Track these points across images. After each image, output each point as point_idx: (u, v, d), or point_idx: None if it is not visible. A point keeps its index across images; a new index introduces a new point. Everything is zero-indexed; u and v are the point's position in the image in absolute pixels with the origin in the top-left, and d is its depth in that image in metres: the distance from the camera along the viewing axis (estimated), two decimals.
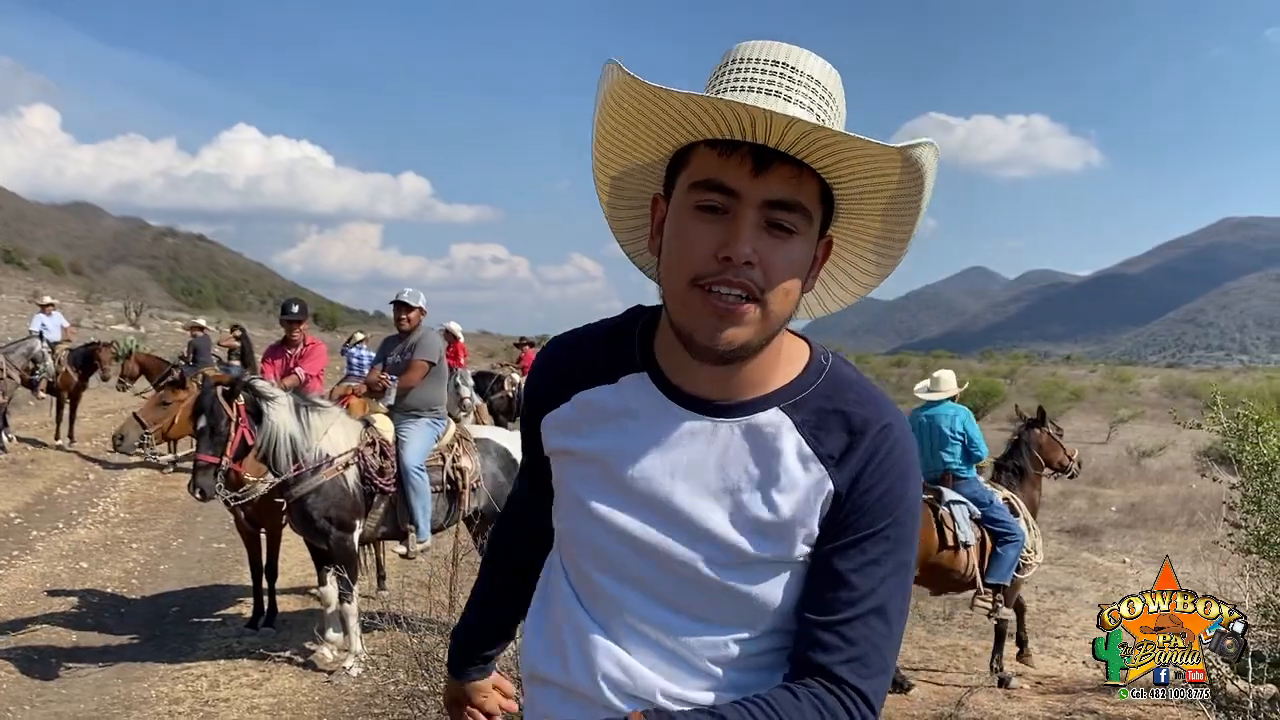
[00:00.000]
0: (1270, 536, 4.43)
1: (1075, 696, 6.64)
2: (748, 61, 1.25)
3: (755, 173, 1.19)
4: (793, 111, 1.18)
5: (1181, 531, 13.71)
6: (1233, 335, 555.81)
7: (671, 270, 1.25)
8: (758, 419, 1.30)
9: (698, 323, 1.22)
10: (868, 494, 1.27)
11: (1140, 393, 45.92)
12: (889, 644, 1.27)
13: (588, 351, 1.41)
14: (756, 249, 1.20)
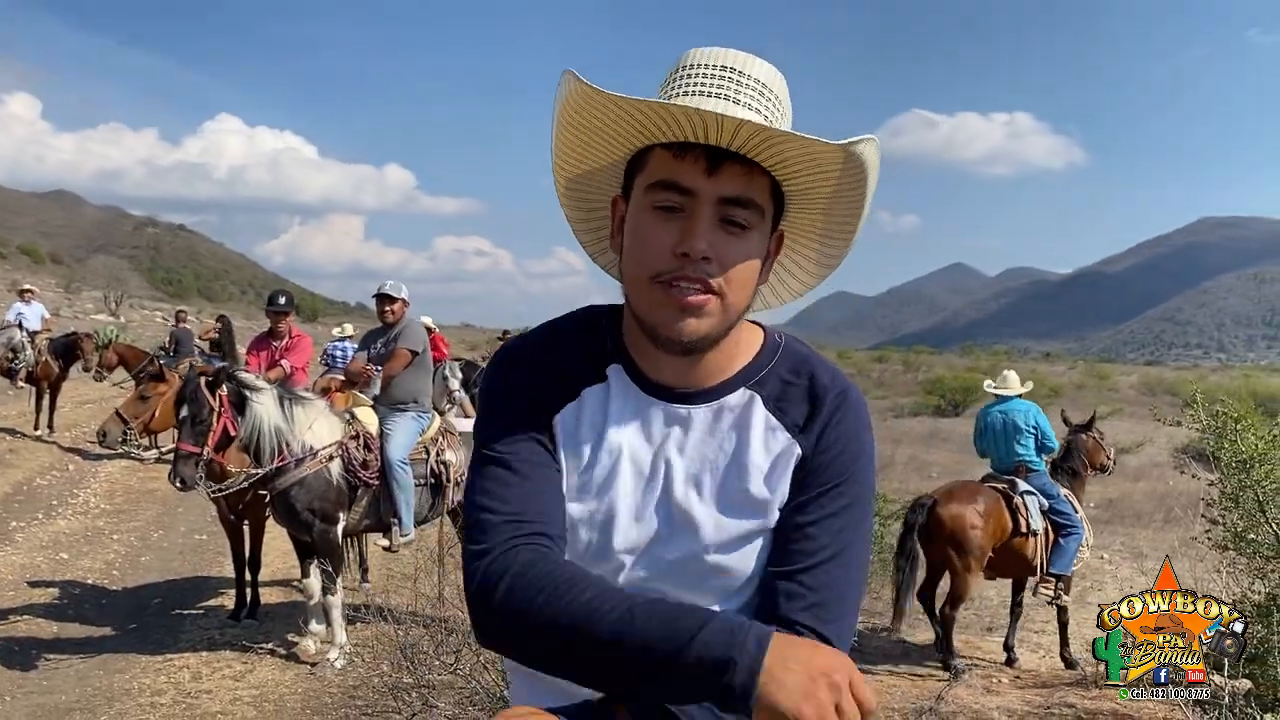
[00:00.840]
0: (1247, 533, 4.48)
1: (1054, 691, 6.71)
2: (698, 67, 1.33)
3: (709, 172, 1.26)
4: (741, 114, 1.25)
5: (1159, 528, 13.82)
6: (1211, 334, 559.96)
7: (633, 268, 1.33)
8: (727, 400, 1.39)
9: (661, 316, 1.30)
10: (826, 453, 1.36)
11: (1119, 390, 46.21)
12: (849, 591, 1.33)
13: (568, 348, 1.44)
14: (712, 244, 1.27)
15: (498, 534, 1.30)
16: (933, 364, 58.38)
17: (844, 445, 1.37)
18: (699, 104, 1.26)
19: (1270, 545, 4.36)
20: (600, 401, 1.40)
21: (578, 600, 1.19)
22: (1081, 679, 6.79)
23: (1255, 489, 4.37)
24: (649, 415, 1.39)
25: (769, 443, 1.37)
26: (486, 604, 1.26)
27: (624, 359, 1.42)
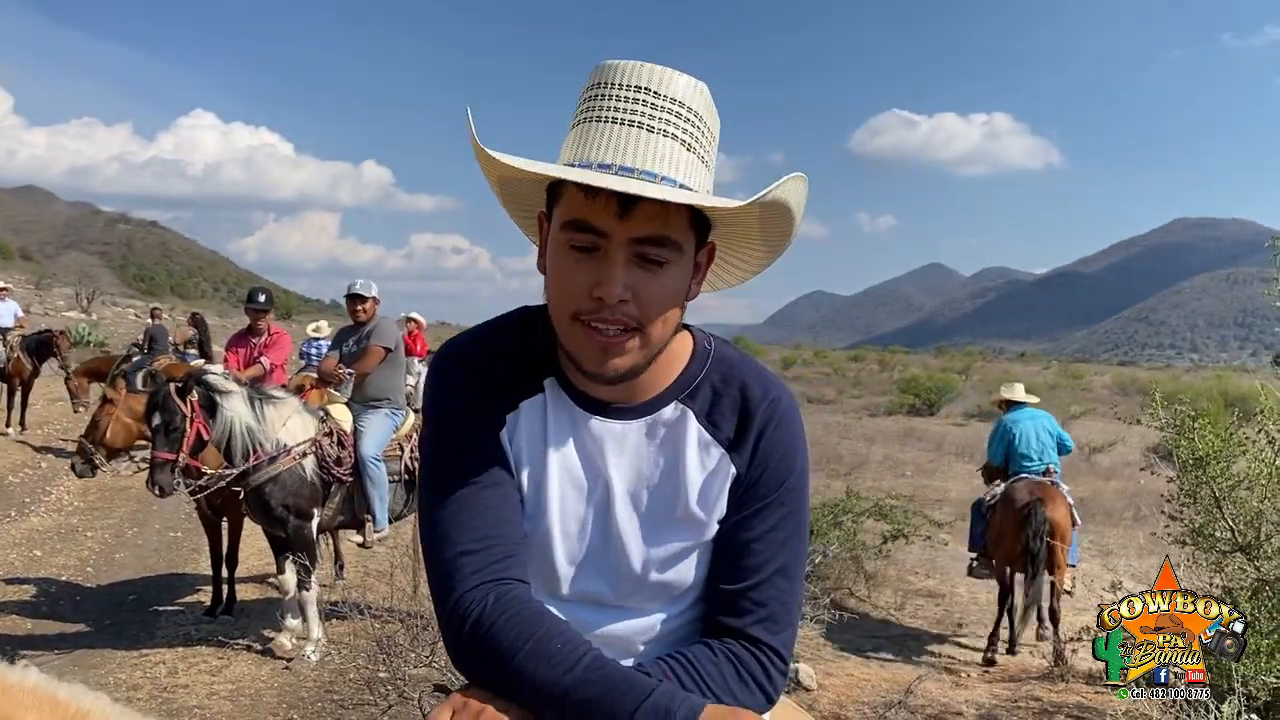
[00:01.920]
0: (1205, 529, 4.59)
1: (1021, 685, 6.83)
2: (613, 88, 1.29)
3: (620, 215, 1.23)
4: (655, 146, 1.26)
5: (1128, 526, 14.00)
6: (1184, 334, 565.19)
7: (555, 303, 1.32)
8: (661, 415, 1.41)
9: (584, 354, 1.31)
10: (762, 468, 1.39)
11: (1092, 390, 46.53)
12: (793, 600, 1.40)
13: (507, 356, 1.43)
14: (629, 285, 1.26)
15: (461, 570, 1.31)
16: (908, 364, 58.64)
17: (779, 458, 1.40)
18: (611, 134, 1.26)
19: (1227, 540, 4.47)
20: (538, 414, 1.41)
21: (529, 661, 1.23)
22: (1048, 674, 6.92)
23: (1211, 485, 4.48)
24: (584, 430, 1.40)
25: (704, 459, 1.40)
26: (455, 639, 1.30)
27: (558, 373, 1.42)
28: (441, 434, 1.40)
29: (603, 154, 1.25)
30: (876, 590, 9.47)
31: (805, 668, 6.58)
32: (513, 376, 1.41)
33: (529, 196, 1.43)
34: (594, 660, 1.24)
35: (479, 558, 1.31)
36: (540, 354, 1.42)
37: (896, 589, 9.74)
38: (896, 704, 6.04)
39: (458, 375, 1.42)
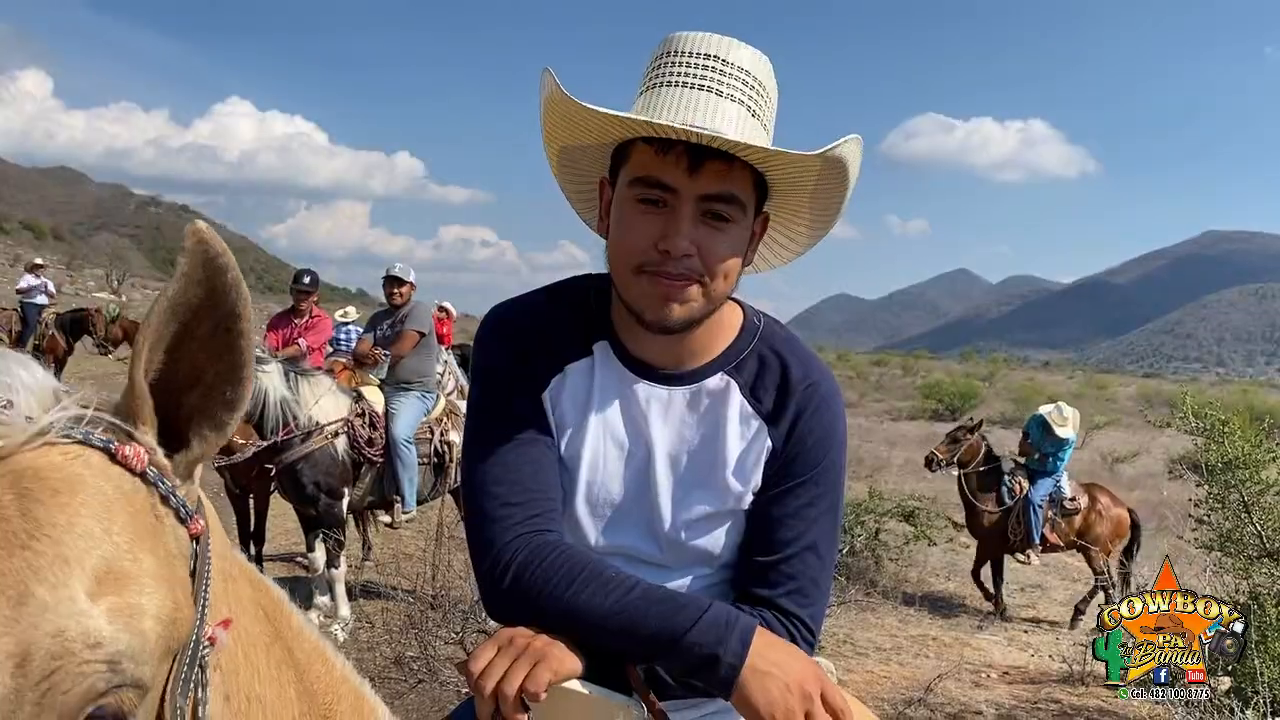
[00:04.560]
0: (1233, 534, 4.60)
1: (1041, 687, 6.84)
2: (682, 55, 1.36)
3: (690, 171, 1.30)
4: (722, 109, 1.32)
5: (1150, 535, 13.87)
6: (1210, 348, 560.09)
7: (618, 257, 1.38)
8: (707, 384, 1.46)
9: (646, 303, 1.36)
10: (799, 446, 1.44)
11: (1117, 401, 46.29)
12: (824, 575, 1.45)
13: (558, 320, 1.49)
14: (695, 239, 1.32)
15: (503, 520, 1.37)
16: (931, 369, 58.44)
17: (816, 438, 1.44)
18: (681, 96, 1.32)
19: (1254, 545, 4.48)
20: (585, 376, 1.47)
21: (582, 592, 1.29)
22: (1069, 676, 6.92)
23: (1241, 490, 4.49)
24: (631, 393, 1.46)
25: (744, 430, 1.45)
26: (495, 588, 1.35)
27: (610, 336, 1.48)
28: (486, 393, 1.46)
29: (674, 114, 1.30)
30: (898, 590, 9.49)
31: (826, 663, 6.60)
32: (561, 340, 1.47)
33: (589, 165, 1.48)
34: (647, 586, 1.31)
35: (520, 510, 1.37)
36: (591, 319, 1.48)
37: (917, 589, 9.75)
38: (916, 701, 6.07)
39: (505, 337, 1.47)
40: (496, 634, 1.29)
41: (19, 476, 0.73)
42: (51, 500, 0.74)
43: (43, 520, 0.72)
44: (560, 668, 1.24)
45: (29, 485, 0.73)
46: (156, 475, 0.83)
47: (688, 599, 1.31)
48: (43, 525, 0.72)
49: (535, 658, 1.23)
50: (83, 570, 0.72)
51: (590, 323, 1.48)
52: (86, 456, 0.78)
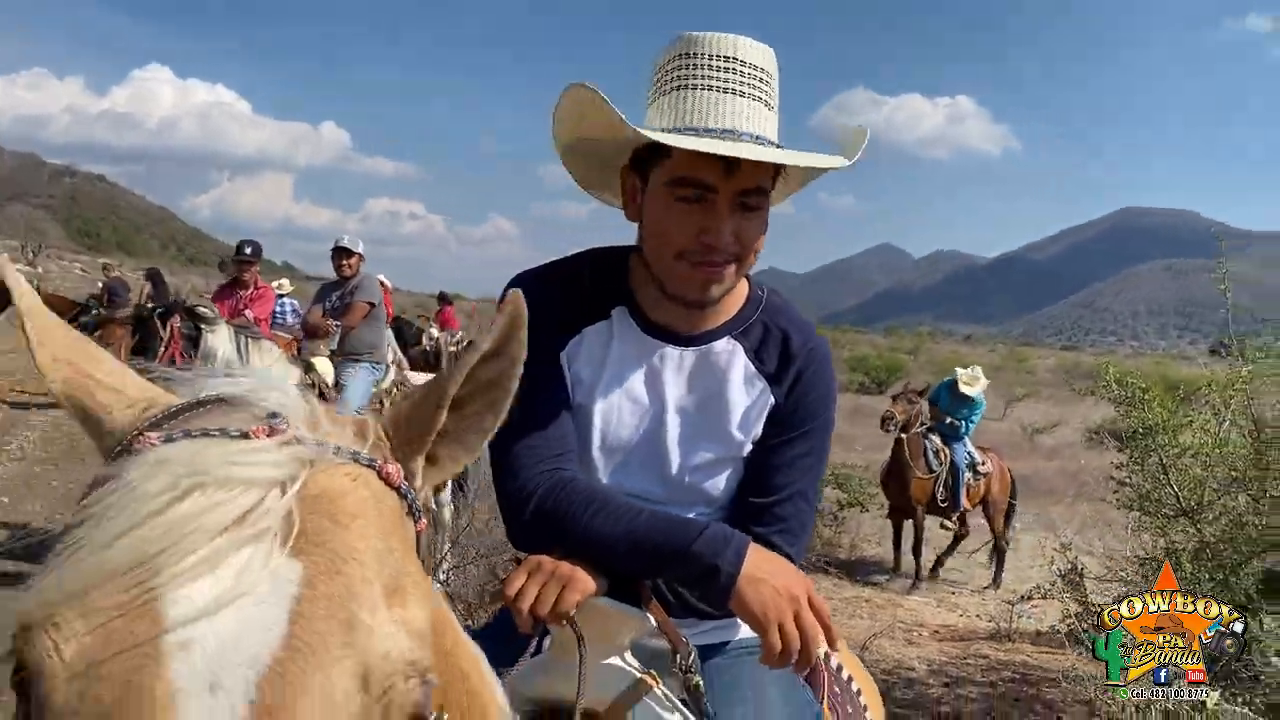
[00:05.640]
0: (1151, 495, 4.90)
1: (969, 644, 7.16)
2: (701, 58, 1.52)
3: (726, 172, 1.47)
4: (743, 109, 1.50)
5: (1070, 503, 14.46)
6: (1126, 321, 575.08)
7: (658, 245, 1.56)
8: (715, 346, 1.66)
9: (687, 286, 1.56)
10: (796, 402, 1.65)
11: (1036, 373, 47.43)
12: (809, 518, 1.67)
13: (579, 287, 1.66)
14: (733, 229, 1.51)
15: (525, 460, 1.54)
16: (858, 343, 59.31)
17: (813, 397, 1.65)
18: (703, 103, 1.49)
19: (1172, 505, 4.77)
20: (602, 336, 1.65)
21: (597, 518, 1.48)
22: (995, 633, 7.26)
23: (1160, 453, 4.78)
24: (647, 352, 1.65)
25: (748, 389, 1.65)
26: (519, 519, 1.54)
27: (629, 303, 1.66)
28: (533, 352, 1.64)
29: (704, 119, 1.49)
30: (833, 555, 9.79)
31: None
32: (578, 305, 1.64)
33: (597, 155, 1.65)
34: (653, 511, 1.51)
35: (539, 450, 1.55)
36: (610, 287, 1.66)
37: (850, 555, 10.07)
38: None
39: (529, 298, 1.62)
40: (525, 561, 1.47)
41: (318, 500, 0.78)
42: (352, 524, 0.79)
43: (350, 544, 0.77)
44: (586, 588, 1.43)
45: (331, 509, 0.78)
46: (407, 487, 0.90)
47: (690, 520, 1.50)
48: (352, 549, 0.77)
49: (563, 581, 1.42)
50: (383, 589, 0.77)
51: (607, 290, 1.65)
52: (365, 477, 0.84)
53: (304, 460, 0.79)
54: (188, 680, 0.67)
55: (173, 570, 0.70)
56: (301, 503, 0.76)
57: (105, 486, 0.76)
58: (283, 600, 0.71)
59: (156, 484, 0.73)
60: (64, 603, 0.69)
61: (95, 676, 0.67)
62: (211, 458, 0.75)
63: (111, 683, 0.67)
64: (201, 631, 0.68)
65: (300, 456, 0.79)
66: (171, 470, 0.74)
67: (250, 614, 0.70)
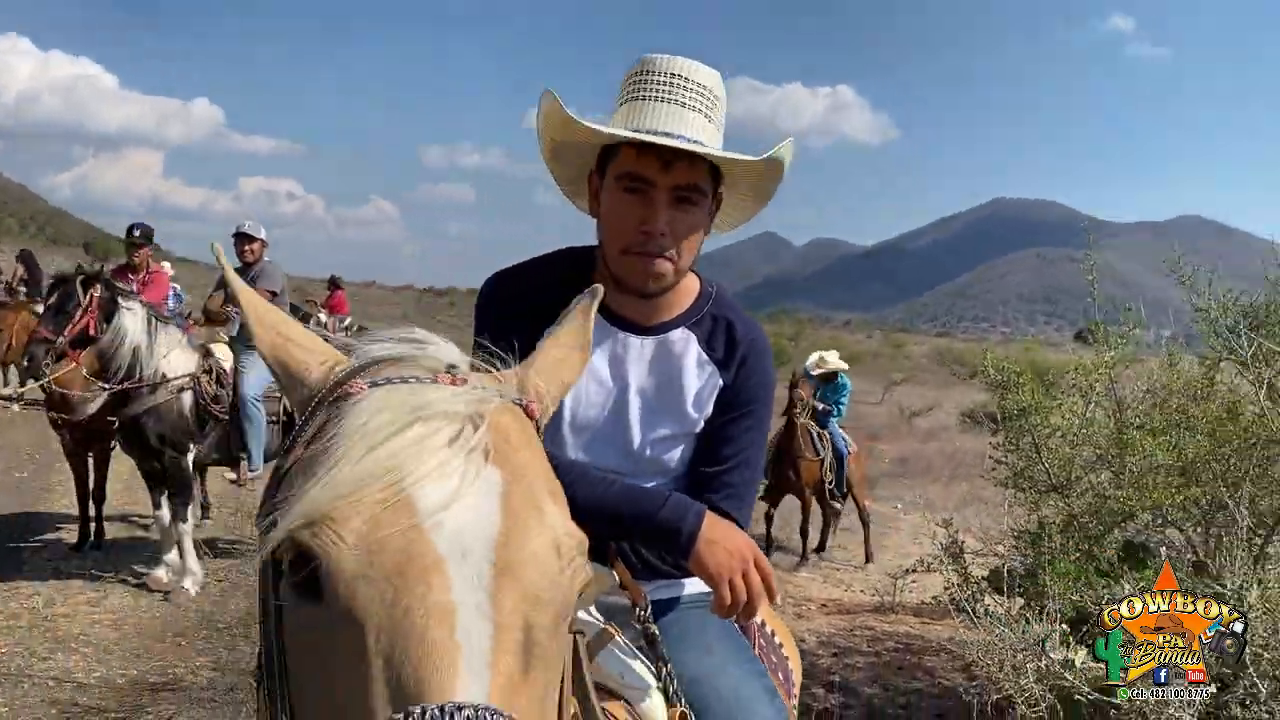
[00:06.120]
0: (1025, 472, 5.26)
1: (855, 617, 7.53)
2: (655, 75, 1.74)
3: (663, 168, 1.68)
4: (686, 119, 1.71)
5: (946, 482, 15.13)
6: (996, 308, 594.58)
7: (609, 239, 1.77)
8: (671, 335, 1.88)
9: (632, 277, 1.76)
10: (742, 385, 1.87)
11: (912, 358, 49.04)
12: (753, 485, 1.93)
13: (549, 283, 1.81)
14: (668, 221, 1.70)
15: None
16: None
17: (754, 380, 1.88)
18: (656, 110, 1.71)
19: (1044, 481, 5.14)
20: None
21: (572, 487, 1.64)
22: (879, 606, 7.65)
23: (1032, 433, 5.13)
24: (612, 341, 1.85)
25: (700, 373, 1.86)
26: None
27: None
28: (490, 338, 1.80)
29: (652, 123, 1.69)
30: None
31: None
32: (553, 297, 1.78)
33: (578, 158, 1.85)
34: (624, 482, 1.74)
35: None
36: (579, 281, 1.80)
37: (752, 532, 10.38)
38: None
39: (507, 293, 1.84)
40: None
41: (495, 429, 1.01)
42: (521, 447, 1.04)
43: (524, 460, 1.03)
44: None
45: (504, 435, 1.02)
46: (540, 419, 1.15)
47: (656, 490, 1.75)
48: (526, 463, 1.03)
49: None
50: (548, 492, 1.04)
51: (576, 284, 1.81)
52: (517, 413, 1.09)
53: (483, 400, 1.02)
54: (447, 549, 0.91)
55: (415, 476, 0.92)
56: (487, 430, 1.00)
57: (339, 420, 0.98)
58: (494, 496, 0.96)
59: (384, 418, 0.96)
60: (337, 502, 0.91)
61: (376, 549, 0.90)
62: (421, 398, 0.99)
63: (390, 553, 0.90)
64: (447, 516, 0.92)
65: (479, 398, 1.02)
66: (394, 407, 0.97)
67: (478, 504, 0.95)
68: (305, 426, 1.04)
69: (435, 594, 0.89)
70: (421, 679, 0.85)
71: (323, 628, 0.90)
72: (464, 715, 0.82)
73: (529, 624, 0.93)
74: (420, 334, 1.13)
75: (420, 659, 0.86)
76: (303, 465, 0.98)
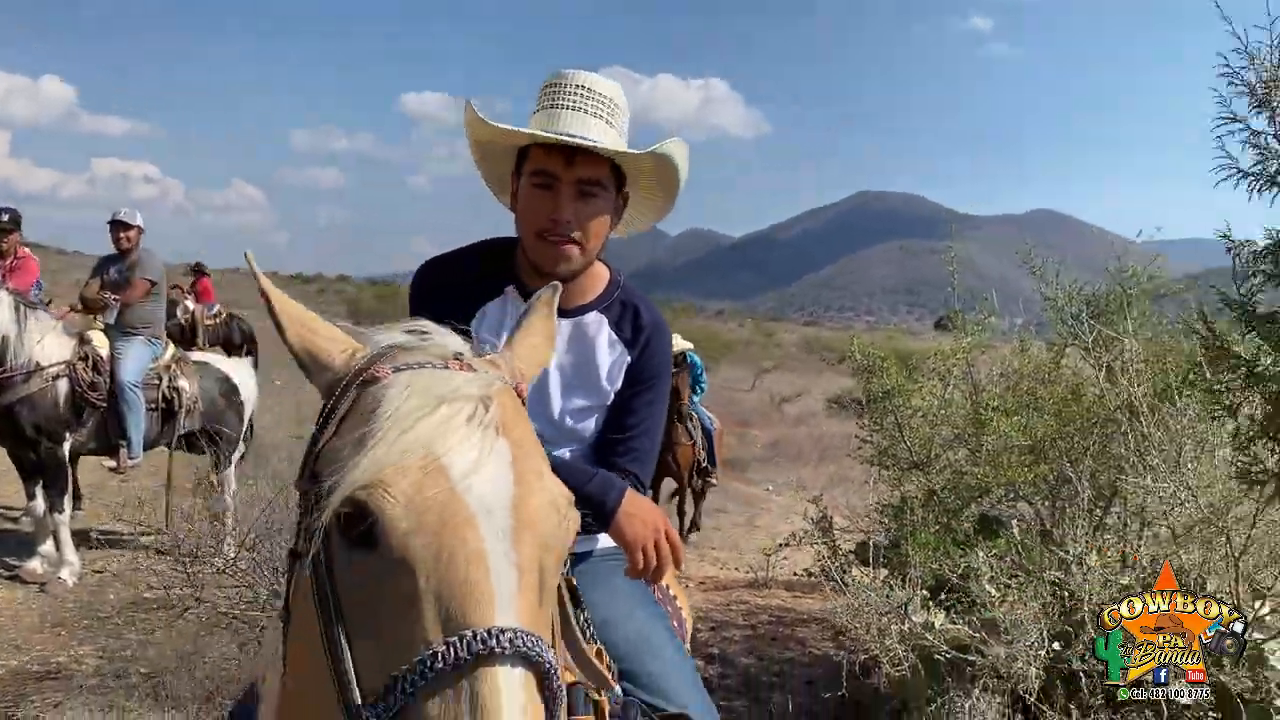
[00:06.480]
0: (889, 450, 5.63)
1: (731, 592, 7.84)
2: (563, 87, 1.99)
3: (567, 164, 1.92)
4: (590, 124, 1.96)
5: (815, 464, 15.67)
6: (861, 298, 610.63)
7: (524, 226, 2.00)
8: (585, 318, 2.11)
9: (544, 261, 2.00)
10: (646, 363, 2.12)
11: (782, 347, 50.15)
12: (654, 451, 2.18)
13: (476, 270, 2.09)
14: (573, 211, 1.93)
15: None
16: None
17: (656, 359, 2.12)
18: (563, 117, 1.95)
19: (906, 459, 5.51)
20: (499, 309, 2.07)
21: None
22: (754, 582, 7.99)
23: (896, 414, 5.50)
24: None
25: (611, 351, 2.10)
26: None
27: (517, 281, 2.09)
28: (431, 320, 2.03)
29: (560, 128, 1.94)
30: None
31: None
32: (478, 284, 2.07)
33: (502, 160, 2.08)
34: (558, 457, 1.94)
35: None
36: (502, 269, 2.09)
37: None
38: None
39: (438, 280, 2.07)
40: None
41: (505, 409, 1.22)
42: (519, 422, 1.25)
43: (523, 433, 1.24)
44: None
45: (506, 412, 1.22)
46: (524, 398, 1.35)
47: (585, 467, 1.98)
48: (525, 436, 1.24)
49: None
50: (541, 459, 1.25)
51: (500, 273, 2.08)
52: (512, 394, 1.29)
53: (489, 384, 1.23)
54: (476, 508, 1.11)
55: (445, 447, 1.13)
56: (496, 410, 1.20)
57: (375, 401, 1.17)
58: (506, 464, 1.17)
59: (415, 401, 1.15)
60: (386, 469, 1.10)
61: (422, 509, 1.09)
62: (443, 384, 1.18)
63: (433, 510, 1.09)
64: (474, 481, 1.12)
65: (486, 382, 1.23)
66: (420, 391, 1.16)
67: (495, 471, 1.15)
68: (337, 405, 1.22)
69: (471, 543, 1.09)
70: (467, 611, 1.05)
71: (376, 571, 1.09)
72: (505, 637, 1.03)
73: (541, 566, 1.15)
74: (424, 324, 1.33)
75: (465, 595, 1.06)
76: (348, 441, 1.16)
